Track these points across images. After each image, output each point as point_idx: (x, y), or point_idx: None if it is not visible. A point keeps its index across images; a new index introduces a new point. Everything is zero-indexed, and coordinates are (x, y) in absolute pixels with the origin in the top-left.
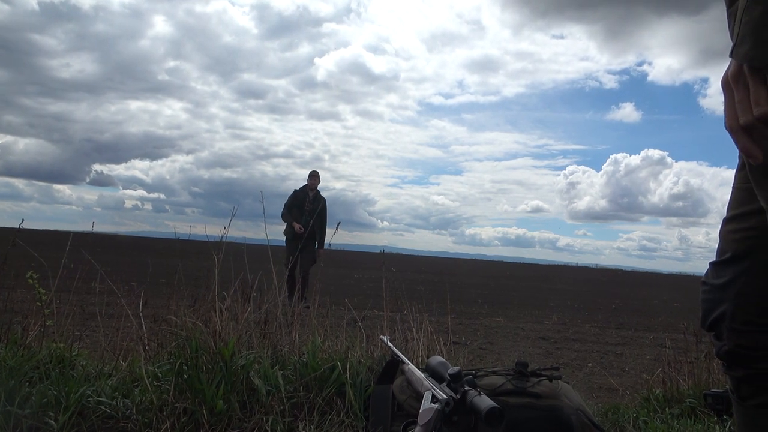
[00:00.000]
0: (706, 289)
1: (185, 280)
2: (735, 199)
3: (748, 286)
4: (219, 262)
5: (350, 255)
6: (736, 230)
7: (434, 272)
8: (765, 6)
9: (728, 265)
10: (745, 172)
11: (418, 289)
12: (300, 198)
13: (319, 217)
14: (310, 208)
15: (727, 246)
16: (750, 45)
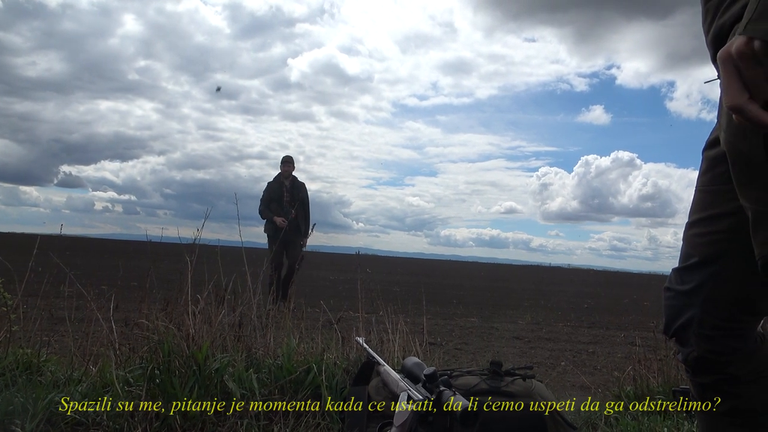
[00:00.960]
0: (671, 295)
1: (157, 283)
2: (699, 202)
3: (717, 290)
4: (192, 265)
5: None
6: (703, 234)
7: (409, 273)
8: None
9: (695, 270)
10: (709, 175)
11: (393, 291)
12: (276, 190)
13: (302, 205)
14: (289, 198)
15: (693, 250)
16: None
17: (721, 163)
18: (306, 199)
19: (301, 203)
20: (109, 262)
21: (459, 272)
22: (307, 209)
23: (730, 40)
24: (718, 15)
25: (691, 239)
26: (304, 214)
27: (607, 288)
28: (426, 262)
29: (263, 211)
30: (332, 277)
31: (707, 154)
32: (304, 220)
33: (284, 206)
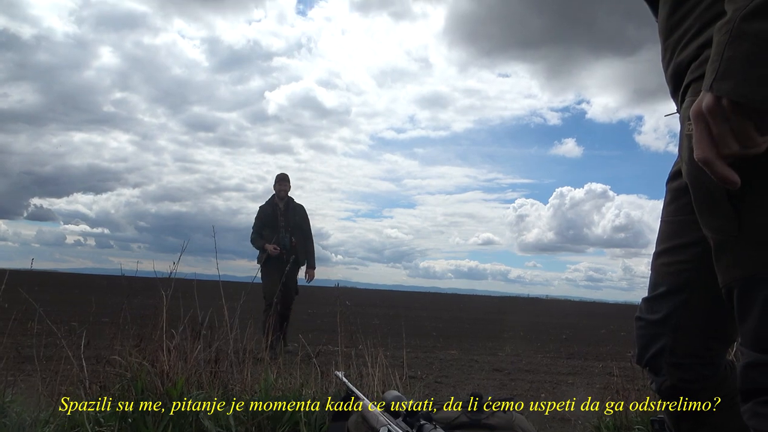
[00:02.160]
0: (642, 325)
1: (131, 318)
2: (665, 232)
3: (687, 319)
4: (167, 299)
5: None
6: (670, 263)
7: (389, 306)
8: (751, 43)
9: (664, 299)
10: (674, 206)
11: (372, 324)
12: (269, 214)
13: (300, 230)
14: (284, 223)
15: (662, 279)
16: (736, 81)
17: (684, 195)
18: (305, 224)
19: (298, 228)
20: (81, 297)
21: (438, 304)
22: (308, 235)
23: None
24: (676, 53)
25: (658, 269)
26: (303, 238)
27: (584, 318)
28: (405, 294)
29: (255, 240)
30: (311, 310)
31: (671, 186)
32: (304, 246)
33: (279, 232)
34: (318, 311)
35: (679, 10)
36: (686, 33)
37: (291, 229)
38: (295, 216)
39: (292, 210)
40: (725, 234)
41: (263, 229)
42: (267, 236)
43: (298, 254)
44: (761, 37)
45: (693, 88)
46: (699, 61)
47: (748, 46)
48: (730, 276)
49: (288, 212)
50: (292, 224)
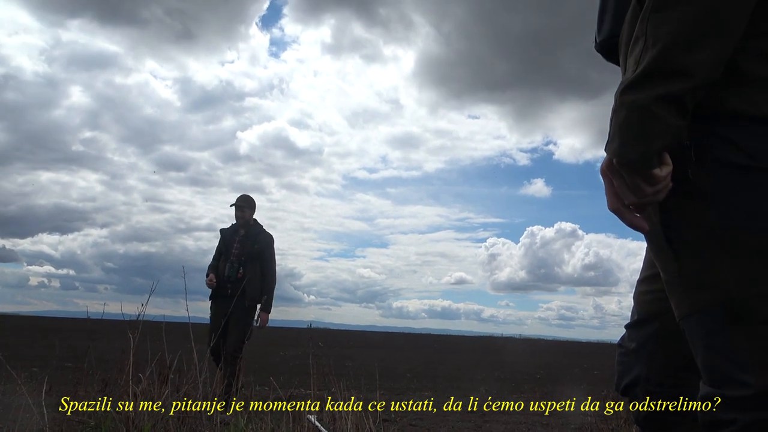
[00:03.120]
0: (621, 352)
1: (96, 362)
2: (647, 260)
3: (658, 348)
4: (135, 342)
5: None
6: (646, 292)
7: (362, 347)
8: (627, 112)
9: (639, 328)
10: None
11: (346, 365)
12: (228, 239)
13: (257, 262)
14: (238, 250)
15: (638, 308)
16: (617, 144)
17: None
18: (265, 253)
19: (253, 259)
20: (43, 341)
21: (412, 345)
22: (267, 269)
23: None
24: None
25: (637, 297)
26: (261, 272)
27: (557, 357)
28: (379, 335)
29: (208, 268)
30: (283, 352)
31: None
32: (260, 283)
33: (229, 261)
34: (290, 353)
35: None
36: None
37: (244, 259)
38: (253, 244)
39: (252, 237)
40: (669, 275)
41: (221, 257)
42: (221, 266)
43: (245, 290)
44: (632, 107)
45: None
46: None
47: (622, 113)
48: (677, 314)
49: (246, 239)
50: (246, 253)
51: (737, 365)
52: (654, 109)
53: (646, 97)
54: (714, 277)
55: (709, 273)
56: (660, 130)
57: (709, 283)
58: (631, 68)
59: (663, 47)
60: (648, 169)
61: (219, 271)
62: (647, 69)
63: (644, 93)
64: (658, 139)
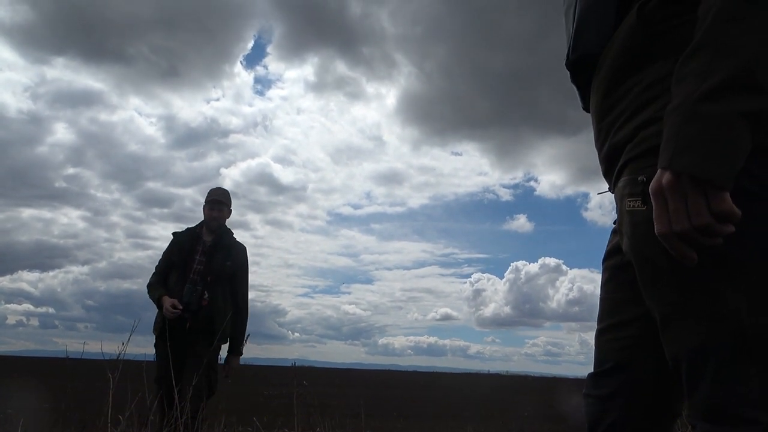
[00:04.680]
0: (590, 402)
1: (74, 404)
2: (605, 310)
3: (634, 394)
4: (114, 382)
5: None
6: (614, 339)
7: (348, 385)
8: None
9: (611, 375)
10: (613, 283)
11: (331, 404)
12: (185, 248)
13: (228, 285)
14: (203, 267)
15: (607, 356)
16: (693, 157)
17: (622, 272)
18: (239, 276)
19: (224, 280)
20: (20, 382)
21: (398, 382)
22: (241, 295)
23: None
24: (611, 135)
25: (603, 345)
26: (233, 298)
27: (544, 395)
28: (364, 373)
29: (152, 286)
30: (266, 392)
31: (608, 264)
32: (230, 318)
33: (190, 280)
34: (273, 393)
35: (613, 94)
36: (620, 116)
37: (211, 280)
38: (224, 259)
39: (223, 250)
40: (668, 306)
41: (171, 272)
42: (172, 285)
43: (214, 324)
44: (712, 118)
45: (630, 167)
46: (635, 142)
47: (701, 125)
48: (677, 348)
49: (215, 252)
50: (216, 271)
51: (747, 401)
52: (739, 124)
53: (730, 111)
54: (724, 307)
55: (718, 303)
56: (743, 148)
57: (720, 314)
58: (697, 78)
59: (745, 59)
60: (725, 190)
61: (172, 293)
62: (727, 81)
63: (727, 106)
64: (742, 156)
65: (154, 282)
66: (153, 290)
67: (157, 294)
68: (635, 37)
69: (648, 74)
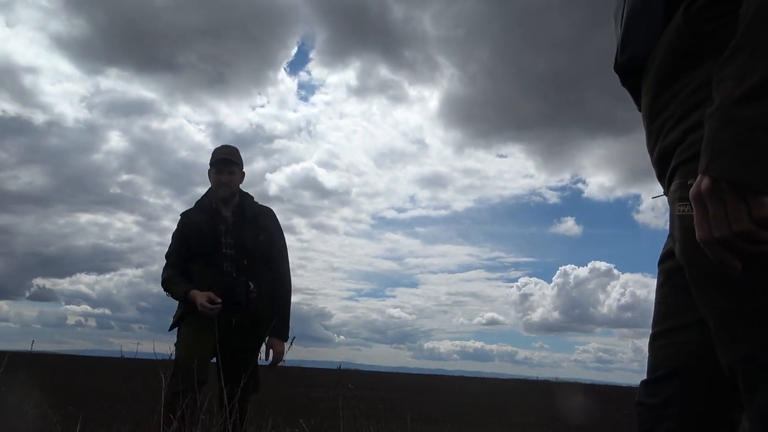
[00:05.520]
0: (643, 410)
1: (129, 402)
2: (660, 314)
3: (689, 401)
4: (166, 382)
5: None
6: (668, 345)
7: (393, 389)
8: (740, 127)
9: (664, 382)
10: (668, 287)
11: (377, 408)
12: (203, 229)
13: (265, 267)
14: (234, 249)
15: (661, 362)
16: (729, 162)
17: (677, 276)
18: (276, 242)
19: (262, 260)
20: (79, 380)
21: (445, 387)
22: (281, 271)
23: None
24: (661, 138)
25: (656, 351)
26: (275, 279)
27: (596, 402)
28: (410, 377)
29: (170, 281)
30: (313, 394)
31: (663, 267)
32: (274, 304)
33: (224, 267)
34: (319, 395)
35: (662, 96)
36: (670, 118)
37: (248, 263)
38: (256, 234)
39: (251, 222)
40: (720, 312)
41: (190, 261)
42: (200, 278)
43: (261, 316)
44: (748, 121)
45: (680, 171)
46: (684, 145)
47: (737, 129)
48: (732, 355)
49: (242, 227)
50: (250, 251)
51: None
52: None
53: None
54: None
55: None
56: None
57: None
58: (734, 80)
59: None
60: (765, 195)
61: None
62: (763, 83)
63: (763, 109)
64: None
65: (173, 276)
66: (174, 286)
67: (182, 289)
68: (682, 38)
69: (696, 76)
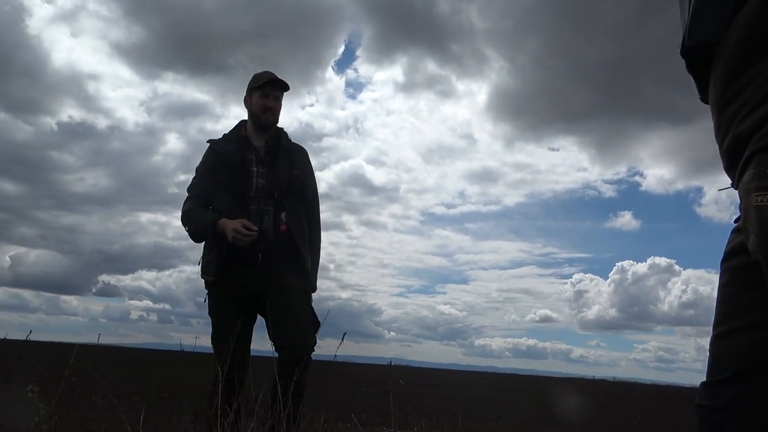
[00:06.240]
0: (704, 413)
1: (188, 394)
2: (724, 314)
3: (755, 406)
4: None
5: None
6: (732, 346)
7: (444, 386)
8: None
9: (728, 384)
10: (733, 285)
11: (428, 404)
12: (235, 158)
13: (297, 201)
14: (265, 181)
15: (724, 363)
16: None
17: (745, 273)
18: (308, 181)
19: (295, 198)
20: (142, 372)
21: (497, 385)
22: (311, 216)
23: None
24: (734, 125)
25: (719, 352)
26: (306, 226)
27: (656, 404)
28: (461, 374)
29: (190, 213)
30: (364, 389)
31: (727, 265)
32: (305, 243)
33: (252, 200)
34: (371, 390)
35: (735, 83)
36: (744, 105)
37: (280, 196)
38: (290, 167)
39: (286, 155)
40: None
41: (212, 197)
42: (226, 210)
43: (298, 252)
44: None
45: (757, 159)
46: (762, 132)
47: None
48: None
49: (277, 158)
50: (283, 185)
51: None
52: None
53: None
54: None
55: None
56: None
57: None
58: None
59: None
60: None
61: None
62: None
63: None
64: None
65: (194, 207)
66: (195, 217)
67: (206, 218)
68: (761, 20)
69: None
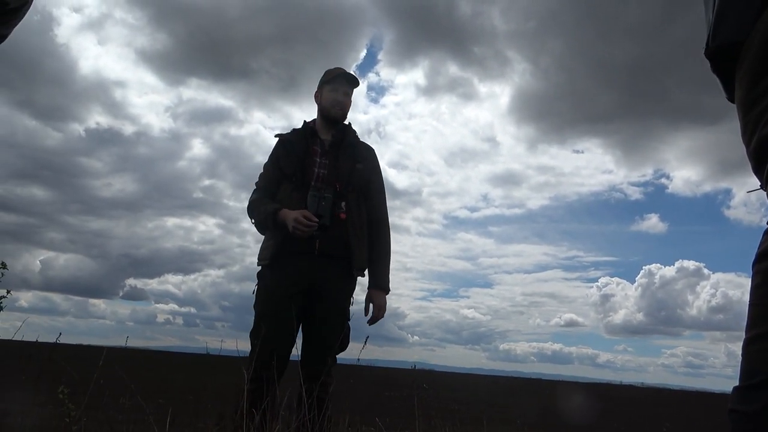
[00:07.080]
0: (737, 418)
1: (213, 396)
2: (757, 317)
3: None
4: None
5: (381, 371)
6: (766, 349)
7: (468, 390)
8: None
9: (762, 389)
10: (764, 289)
11: (452, 408)
12: (299, 148)
13: (360, 197)
14: (328, 171)
15: (758, 367)
16: None
17: None
18: (374, 177)
19: (359, 191)
20: (169, 374)
21: (522, 390)
22: (379, 214)
23: None
24: (760, 127)
25: (752, 356)
26: (374, 218)
27: (685, 409)
28: (485, 378)
29: (254, 203)
30: (388, 393)
31: (759, 267)
32: (370, 243)
33: (314, 190)
34: (394, 394)
35: (761, 83)
36: None
37: (341, 187)
38: (353, 160)
39: (348, 149)
40: None
41: (276, 189)
42: (287, 199)
43: (351, 247)
44: None
45: None
46: None
47: None
48: None
49: (340, 151)
50: (345, 176)
51: None
52: None
53: None
54: None
55: None
56: None
57: None
58: None
59: None
60: None
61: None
62: None
63: None
64: None
65: (257, 198)
66: (259, 207)
67: (268, 209)
68: None
69: None
